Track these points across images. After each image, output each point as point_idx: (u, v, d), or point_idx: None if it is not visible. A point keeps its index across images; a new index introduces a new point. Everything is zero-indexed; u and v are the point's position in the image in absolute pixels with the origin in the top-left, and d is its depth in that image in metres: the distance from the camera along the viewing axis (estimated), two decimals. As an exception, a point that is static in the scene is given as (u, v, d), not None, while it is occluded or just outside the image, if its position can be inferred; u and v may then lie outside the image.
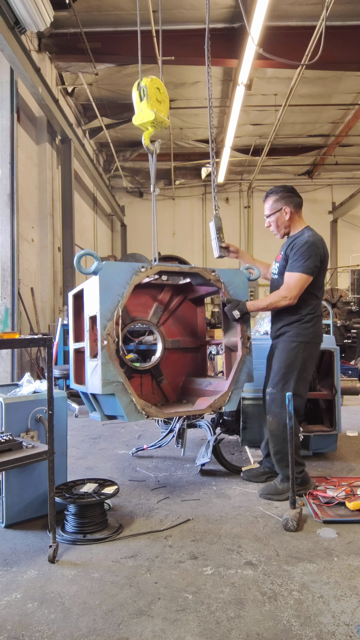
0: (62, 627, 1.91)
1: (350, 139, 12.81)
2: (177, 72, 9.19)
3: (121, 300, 2.96)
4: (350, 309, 10.41)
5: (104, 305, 2.92)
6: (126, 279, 3.00)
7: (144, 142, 3.63)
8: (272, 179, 15.43)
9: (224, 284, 3.36)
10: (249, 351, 3.37)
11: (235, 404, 3.33)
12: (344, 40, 7.87)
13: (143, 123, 3.58)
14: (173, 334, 3.79)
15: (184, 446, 4.09)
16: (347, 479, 3.44)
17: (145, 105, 3.53)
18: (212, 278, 3.34)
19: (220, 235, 3.56)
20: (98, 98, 10.19)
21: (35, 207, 8.32)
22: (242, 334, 3.34)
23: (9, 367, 6.76)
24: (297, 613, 1.98)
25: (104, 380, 2.88)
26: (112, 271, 2.97)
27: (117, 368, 2.92)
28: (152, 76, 3.63)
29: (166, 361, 3.78)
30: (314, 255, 3.12)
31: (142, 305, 3.78)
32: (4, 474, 2.77)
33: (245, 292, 3.43)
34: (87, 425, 5.54)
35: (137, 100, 3.57)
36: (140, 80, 3.55)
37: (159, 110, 3.57)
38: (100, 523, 2.73)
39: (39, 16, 6.19)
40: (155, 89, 3.58)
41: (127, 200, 16.25)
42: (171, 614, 1.98)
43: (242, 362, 3.32)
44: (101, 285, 2.93)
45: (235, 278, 3.43)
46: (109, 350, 2.90)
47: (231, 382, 3.29)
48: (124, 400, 2.93)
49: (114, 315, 2.93)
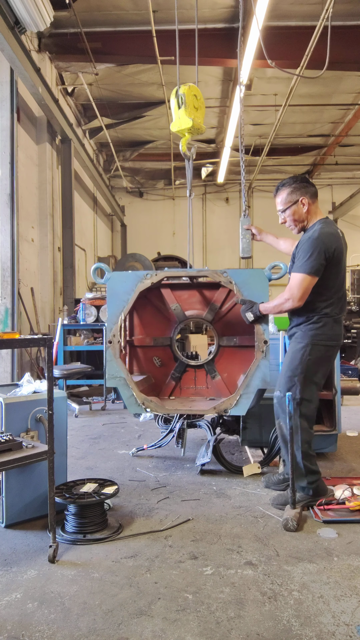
0: (62, 627, 1.91)
1: (350, 139, 12.80)
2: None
3: (126, 305, 3.31)
4: (351, 309, 10.40)
5: (111, 310, 3.33)
6: (131, 287, 3.33)
7: (182, 149, 3.73)
8: (272, 179, 15.41)
9: (237, 285, 3.26)
10: (265, 355, 3.23)
11: (244, 409, 3.22)
12: (344, 40, 7.86)
13: (181, 130, 3.64)
14: (229, 332, 3.77)
15: (184, 446, 4.09)
16: (347, 479, 3.44)
17: (183, 113, 3.59)
18: (223, 280, 3.28)
19: (247, 236, 3.47)
20: (98, 98, 10.19)
21: (35, 207, 8.31)
22: (258, 336, 3.23)
23: (9, 367, 6.75)
24: (297, 613, 1.99)
25: (108, 374, 3.32)
26: (118, 280, 3.35)
27: (119, 365, 3.30)
28: (190, 83, 3.68)
29: (221, 358, 3.81)
30: (318, 252, 2.89)
31: (197, 304, 3.86)
32: (4, 474, 2.77)
33: (263, 293, 3.26)
34: (87, 425, 5.55)
35: (175, 108, 3.62)
36: (178, 88, 3.60)
37: (195, 117, 3.63)
38: (100, 523, 2.73)
39: (39, 16, 6.18)
40: (193, 96, 3.63)
41: (127, 200, 16.24)
42: (171, 614, 1.98)
43: (256, 366, 3.21)
44: (109, 293, 3.35)
45: (251, 279, 3.28)
46: (114, 349, 3.31)
47: (241, 385, 3.21)
48: (126, 393, 3.29)
49: (119, 320, 3.31)
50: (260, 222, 15.87)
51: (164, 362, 3.94)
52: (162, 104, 10.39)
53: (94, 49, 8.07)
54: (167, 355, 3.95)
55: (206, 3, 7.32)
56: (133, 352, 4.01)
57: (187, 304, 3.85)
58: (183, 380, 3.89)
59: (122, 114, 11.07)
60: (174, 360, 3.79)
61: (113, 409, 6.58)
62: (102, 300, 7.68)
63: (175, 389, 3.90)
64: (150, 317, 4.00)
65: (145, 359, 4.00)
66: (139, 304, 3.92)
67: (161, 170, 14.97)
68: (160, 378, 3.95)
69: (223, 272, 3.29)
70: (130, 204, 16.26)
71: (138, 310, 4.00)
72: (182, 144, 3.70)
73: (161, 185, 15.66)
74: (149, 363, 3.99)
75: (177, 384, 3.88)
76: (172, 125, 3.70)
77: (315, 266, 2.90)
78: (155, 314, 3.98)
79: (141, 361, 4.01)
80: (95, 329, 7.86)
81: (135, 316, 4.03)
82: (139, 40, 8.10)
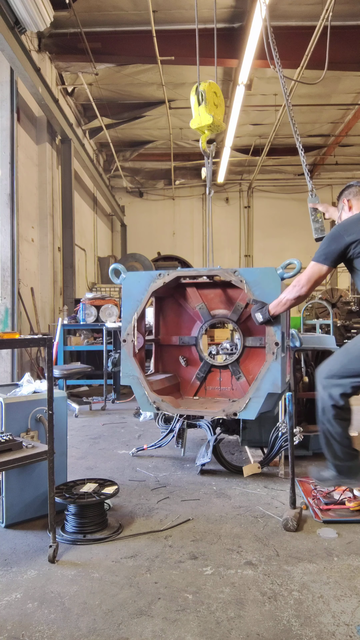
0: (62, 627, 1.91)
1: (350, 139, 12.80)
2: (177, 72, 9.18)
3: (140, 305, 3.34)
4: (350, 309, 10.40)
5: (125, 310, 3.36)
6: (145, 287, 3.34)
7: (201, 146, 3.71)
8: (272, 179, 15.43)
9: (248, 284, 3.18)
10: (276, 357, 3.12)
11: (254, 413, 3.13)
12: (343, 40, 7.86)
13: (200, 127, 3.63)
14: (255, 332, 3.72)
15: (184, 446, 4.09)
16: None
17: (203, 110, 3.58)
18: (234, 279, 3.21)
19: (317, 216, 3.24)
20: (98, 98, 10.19)
21: (35, 207, 8.31)
22: (269, 338, 3.13)
23: (9, 367, 6.75)
24: (297, 613, 1.99)
25: (123, 372, 3.34)
26: (133, 280, 3.38)
27: (133, 364, 3.32)
28: (210, 80, 3.66)
29: (247, 359, 3.73)
30: (326, 239, 2.70)
31: (222, 303, 3.83)
32: (4, 474, 2.77)
33: (275, 292, 3.14)
34: (87, 425, 5.55)
35: (195, 105, 3.61)
36: (198, 85, 3.58)
37: (215, 114, 3.62)
38: (100, 523, 2.73)
39: (39, 16, 6.18)
40: (213, 93, 3.62)
41: (127, 200, 16.24)
42: (171, 614, 1.98)
43: (266, 368, 3.13)
44: (124, 293, 3.38)
45: (263, 278, 3.18)
46: (128, 348, 3.34)
47: (251, 388, 3.14)
48: (138, 391, 3.31)
49: (133, 319, 3.34)
50: (260, 222, 15.89)
51: (190, 362, 3.93)
52: (162, 104, 10.40)
53: (93, 49, 8.07)
54: (192, 355, 3.94)
55: (206, 3, 7.31)
56: (159, 351, 4.01)
57: (212, 303, 3.85)
58: (208, 380, 3.86)
59: (122, 114, 11.07)
60: (200, 360, 3.77)
61: (113, 409, 6.58)
62: (102, 301, 7.68)
63: (200, 389, 3.88)
64: (176, 316, 4.00)
65: (171, 358, 4.00)
66: (165, 303, 3.96)
67: (161, 170, 14.97)
68: (186, 378, 3.94)
69: (234, 271, 3.22)
70: (130, 204, 16.25)
71: (164, 309, 4.01)
72: (201, 141, 3.70)
73: (161, 185, 15.66)
74: (175, 362, 3.98)
75: (202, 384, 3.86)
76: (191, 122, 3.69)
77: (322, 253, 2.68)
78: (181, 313, 3.98)
79: (167, 360, 4.01)
80: (95, 329, 7.86)
81: (161, 315, 4.04)
82: (139, 40, 8.10)
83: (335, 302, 10.57)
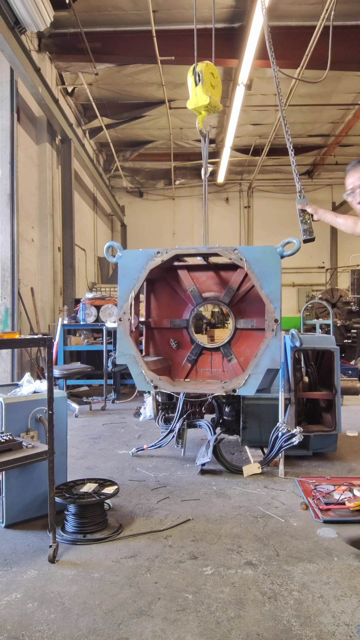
0: (62, 627, 1.91)
1: (350, 139, 12.80)
2: (177, 72, 9.18)
3: (137, 283, 3.30)
4: (350, 309, 10.40)
5: (122, 288, 3.32)
6: (142, 264, 3.32)
7: (198, 126, 3.71)
8: (272, 179, 15.43)
9: (248, 262, 3.19)
10: (275, 334, 3.16)
11: (253, 389, 3.18)
12: (343, 40, 7.86)
13: (197, 107, 3.62)
14: (247, 314, 3.74)
15: (184, 446, 4.09)
16: (347, 479, 3.44)
17: (200, 90, 3.56)
18: (234, 257, 3.21)
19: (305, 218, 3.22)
20: (98, 98, 10.19)
21: (35, 207, 8.31)
22: (268, 315, 3.17)
23: (9, 367, 6.76)
24: (297, 613, 1.98)
25: (119, 352, 3.31)
26: (129, 258, 3.34)
27: (129, 342, 3.30)
28: (207, 61, 3.65)
29: (238, 341, 3.76)
30: None
31: (215, 286, 3.82)
32: (4, 474, 2.77)
33: (274, 270, 3.15)
34: (87, 425, 5.55)
35: (192, 85, 3.60)
36: (195, 65, 3.57)
37: (212, 95, 3.60)
38: (100, 523, 2.73)
39: (39, 16, 6.18)
40: (210, 74, 3.61)
41: (127, 200, 16.24)
42: (171, 614, 1.98)
43: (265, 345, 3.17)
44: (120, 271, 3.33)
45: (263, 256, 3.18)
46: (124, 327, 3.32)
47: (250, 365, 3.18)
48: (135, 370, 3.29)
49: (130, 297, 3.30)
50: (260, 221, 15.89)
51: (181, 345, 3.93)
52: (162, 104, 10.40)
53: (94, 49, 8.07)
54: (183, 337, 3.93)
55: (206, 3, 7.31)
56: (150, 333, 4.00)
57: (204, 286, 3.83)
58: (199, 363, 3.87)
59: (122, 114, 11.07)
60: (191, 343, 3.76)
61: (113, 409, 6.58)
62: (102, 300, 7.68)
63: (191, 372, 3.87)
64: (167, 299, 3.98)
65: (162, 341, 3.98)
66: (156, 286, 3.94)
67: (161, 170, 14.97)
68: (177, 360, 3.94)
69: (234, 249, 3.21)
70: (130, 204, 16.26)
71: (156, 292, 3.99)
72: (198, 121, 3.68)
73: (161, 185, 15.66)
74: (165, 345, 3.96)
75: (193, 367, 3.86)
76: (188, 102, 3.67)
77: None
78: (173, 296, 3.97)
79: (158, 343, 4.00)
80: (95, 329, 7.86)
81: (152, 298, 4.02)
82: (139, 40, 8.10)
83: (335, 302, 10.57)
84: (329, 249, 16.05)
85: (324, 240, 15.91)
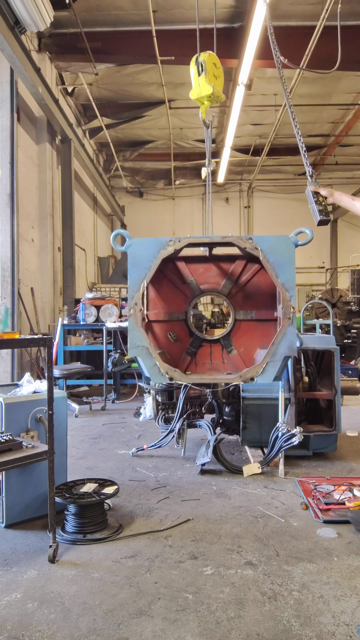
0: (62, 627, 1.91)
1: (350, 139, 12.80)
2: (177, 72, 9.18)
3: (148, 272, 3.23)
4: (350, 309, 10.40)
5: (132, 278, 3.25)
6: (153, 253, 3.25)
7: (201, 116, 3.70)
8: (272, 179, 15.43)
9: (263, 251, 3.17)
10: (292, 322, 3.19)
11: (271, 377, 3.19)
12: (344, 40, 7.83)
13: (200, 97, 3.62)
14: (246, 305, 3.73)
15: (184, 446, 4.09)
16: (347, 479, 3.44)
17: (203, 80, 3.56)
18: (248, 246, 3.19)
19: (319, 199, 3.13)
20: (98, 98, 10.18)
21: (35, 207, 8.31)
22: (284, 303, 3.18)
23: (9, 367, 6.75)
24: (297, 613, 1.98)
25: (130, 344, 3.23)
26: (139, 247, 3.27)
27: (141, 333, 3.23)
28: (209, 51, 3.64)
29: (238, 332, 3.74)
30: None
31: (214, 277, 3.80)
32: (4, 474, 2.77)
33: (289, 259, 3.15)
34: (87, 425, 5.55)
35: (195, 75, 3.59)
36: (198, 55, 3.57)
37: (215, 85, 3.60)
38: (100, 523, 2.73)
39: (39, 16, 6.18)
40: (212, 64, 3.60)
41: (127, 200, 16.24)
42: (171, 614, 1.98)
43: (282, 333, 3.18)
44: (130, 260, 3.25)
45: (278, 245, 3.17)
46: (135, 318, 3.25)
47: (267, 353, 3.17)
48: (148, 362, 3.22)
49: (141, 287, 3.25)
50: (260, 221, 15.89)
51: (179, 338, 3.91)
52: (162, 104, 10.39)
53: (94, 49, 8.07)
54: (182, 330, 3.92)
55: (206, 3, 7.32)
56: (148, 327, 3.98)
57: (203, 277, 3.79)
58: (198, 355, 3.85)
59: (122, 114, 11.07)
60: (190, 336, 3.73)
61: (113, 409, 6.58)
62: (102, 300, 7.68)
63: (191, 365, 3.86)
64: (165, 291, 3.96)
65: (161, 335, 3.96)
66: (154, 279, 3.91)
67: (161, 170, 14.97)
68: (175, 354, 3.92)
69: (248, 238, 3.20)
70: (130, 204, 16.26)
71: (154, 284, 3.97)
72: (201, 111, 3.68)
73: (161, 185, 15.66)
74: (163, 338, 3.94)
75: (193, 360, 3.84)
76: (191, 92, 3.67)
77: None
78: (171, 289, 3.94)
79: (156, 337, 3.98)
80: (95, 329, 7.86)
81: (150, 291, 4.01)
82: (139, 40, 8.10)
83: (335, 302, 10.57)
84: (329, 249, 16.06)
85: (324, 240, 15.91)
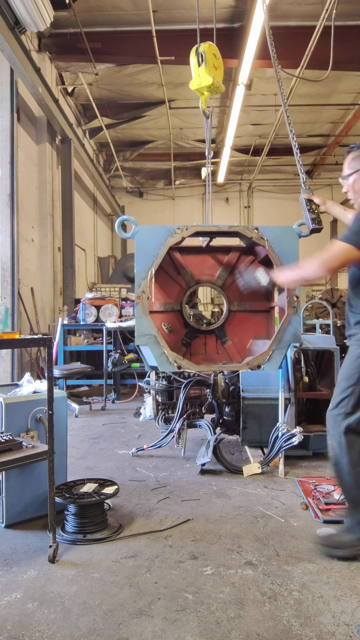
0: (62, 627, 1.91)
1: (350, 139, 12.78)
2: (177, 72, 9.18)
3: (155, 260, 3.21)
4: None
5: (139, 265, 3.22)
6: (161, 241, 3.24)
7: (201, 107, 3.70)
8: (272, 179, 15.43)
9: (269, 241, 3.21)
10: (296, 310, 3.26)
11: (277, 365, 3.22)
12: (344, 39, 7.86)
13: (200, 88, 3.61)
14: (240, 297, 3.76)
15: (184, 446, 4.09)
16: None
17: (203, 70, 3.56)
18: (254, 236, 3.22)
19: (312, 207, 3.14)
20: (98, 98, 10.19)
21: (35, 207, 8.31)
22: (289, 292, 3.23)
23: (9, 367, 6.75)
24: (297, 613, 1.98)
25: (137, 332, 3.20)
26: (146, 234, 3.26)
27: (149, 322, 3.20)
28: (209, 42, 3.64)
29: (232, 323, 3.79)
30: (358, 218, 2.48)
31: (208, 269, 3.81)
32: (4, 474, 2.77)
33: (293, 250, 3.21)
34: (87, 425, 5.54)
35: (195, 66, 3.59)
36: (198, 46, 3.57)
37: (215, 75, 3.60)
38: (100, 523, 2.73)
39: (39, 16, 6.18)
40: (212, 55, 3.60)
41: (127, 200, 16.24)
42: (171, 614, 1.98)
43: (287, 321, 3.22)
44: (137, 248, 3.24)
45: (283, 235, 3.23)
46: (143, 306, 3.23)
47: (273, 340, 3.20)
48: (157, 351, 3.20)
49: (148, 275, 3.22)
50: (260, 222, 15.88)
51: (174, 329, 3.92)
52: (162, 104, 10.39)
53: (93, 49, 8.07)
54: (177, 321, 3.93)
55: (206, 3, 7.32)
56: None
57: (197, 269, 3.81)
58: (193, 346, 3.87)
59: (122, 114, 11.07)
60: (184, 327, 3.74)
61: (113, 409, 6.58)
62: (102, 300, 7.68)
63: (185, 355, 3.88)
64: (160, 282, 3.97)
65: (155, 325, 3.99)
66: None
67: (161, 170, 14.97)
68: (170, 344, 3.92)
69: (254, 228, 3.23)
70: (130, 204, 16.25)
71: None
72: (201, 101, 3.68)
73: (161, 185, 15.65)
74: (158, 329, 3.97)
75: (187, 350, 3.86)
76: (191, 83, 3.66)
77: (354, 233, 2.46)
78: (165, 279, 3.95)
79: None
80: (95, 329, 7.87)
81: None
82: (139, 40, 8.10)
83: (335, 302, 10.56)
84: (329, 249, 16.04)
85: (324, 240, 15.90)
